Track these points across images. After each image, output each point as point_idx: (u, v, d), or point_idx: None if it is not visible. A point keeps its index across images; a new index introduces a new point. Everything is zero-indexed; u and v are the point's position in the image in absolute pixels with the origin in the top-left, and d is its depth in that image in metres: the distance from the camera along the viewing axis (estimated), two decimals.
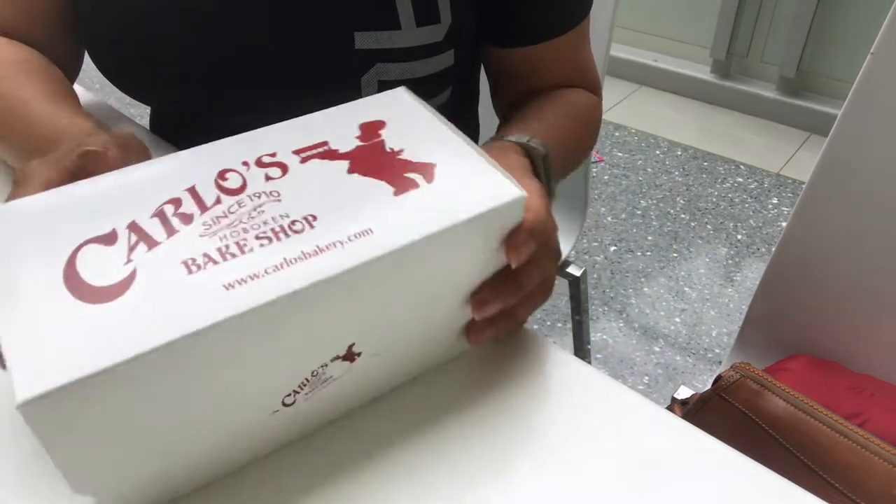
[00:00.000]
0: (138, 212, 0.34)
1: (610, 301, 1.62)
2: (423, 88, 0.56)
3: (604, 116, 2.46)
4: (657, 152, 2.14)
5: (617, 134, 2.23)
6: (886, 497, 0.54)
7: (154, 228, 0.33)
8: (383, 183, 0.37)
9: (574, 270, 1.03)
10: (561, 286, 1.65)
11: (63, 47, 0.61)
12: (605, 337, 1.53)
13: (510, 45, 0.61)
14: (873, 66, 0.64)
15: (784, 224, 0.81)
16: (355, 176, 0.37)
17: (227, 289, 0.31)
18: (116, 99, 2.32)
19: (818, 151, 0.70)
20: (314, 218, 0.34)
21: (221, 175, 0.36)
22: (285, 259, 0.32)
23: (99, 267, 0.31)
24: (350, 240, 0.33)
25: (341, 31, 0.53)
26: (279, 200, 0.35)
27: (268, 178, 0.36)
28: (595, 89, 0.67)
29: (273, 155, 0.38)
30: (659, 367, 1.46)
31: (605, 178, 2.03)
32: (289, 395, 0.35)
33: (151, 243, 0.33)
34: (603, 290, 1.65)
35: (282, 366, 0.34)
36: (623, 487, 0.37)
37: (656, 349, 1.50)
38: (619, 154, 2.13)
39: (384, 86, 0.54)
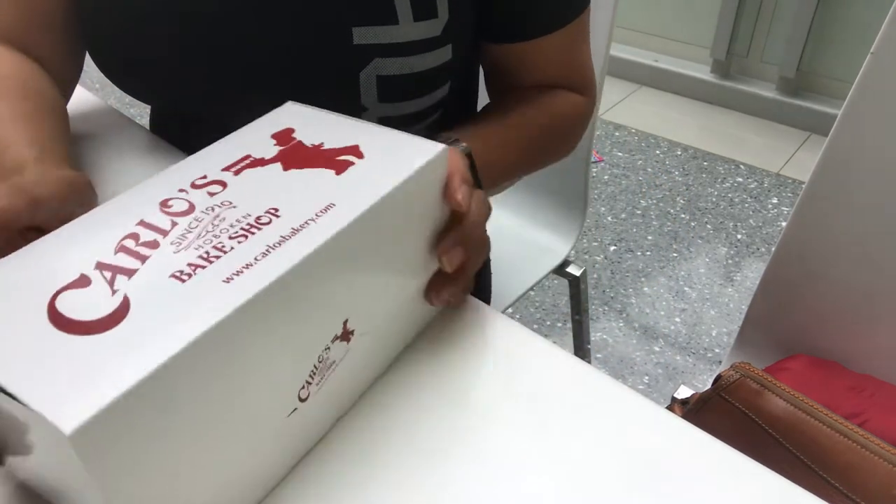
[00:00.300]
0: (99, 254, 0.33)
1: (610, 301, 1.62)
2: (422, 83, 0.56)
3: (604, 116, 2.47)
4: (657, 152, 2.14)
5: (617, 134, 2.23)
6: (886, 497, 0.54)
7: (124, 260, 0.33)
8: (322, 169, 0.39)
9: (574, 270, 1.03)
10: (561, 286, 1.65)
11: (62, 52, 0.61)
12: (605, 337, 1.53)
13: (499, 41, 0.61)
14: (873, 66, 0.64)
15: (784, 224, 0.81)
16: (293, 171, 0.39)
17: (227, 282, 0.31)
18: (116, 99, 2.32)
19: (818, 151, 0.70)
20: (276, 210, 0.35)
21: (164, 204, 0.36)
22: (268, 246, 0.33)
23: (85, 306, 0.30)
24: (318, 216, 0.35)
25: (339, 27, 0.53)
26: (234, 206, 0.36)
27: (211, 194, 0.37)
28: (584, 89, 0.67)
29: (204, 177, 0.38)
30: (659, 366, 1.46)
31: (605, 178, 2.03)
32: (303, 387, 0.36)
33: (129, 272, 0.32)
34: (603, 290, 1.65)
35: (294, 352, 0.34)
36: (623, 487, 0.37)
37: (656, 349, 1.50)
38: (619, 154, 2.13)
39: (382, 81, 0.55)
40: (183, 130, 0.67)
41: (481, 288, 0.85)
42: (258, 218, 0.35)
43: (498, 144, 0.59)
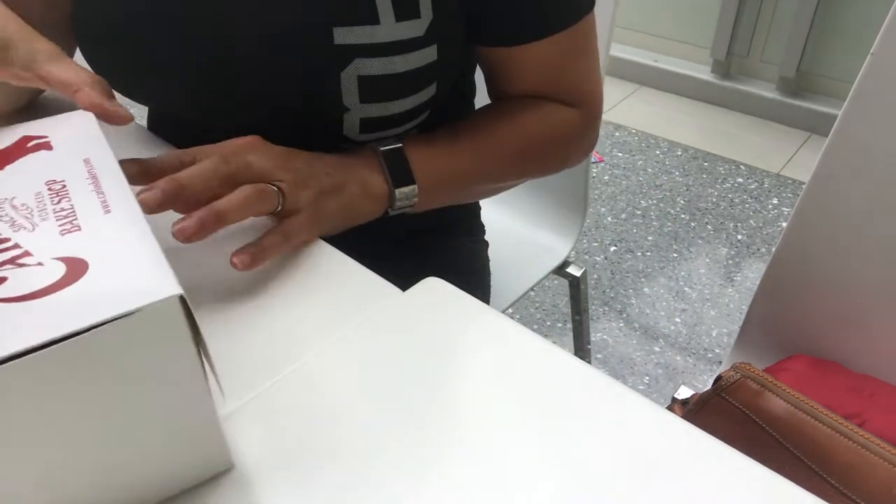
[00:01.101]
0: None
1: (610, 301, 1.62)
2: (405, 84, 0.56)
3: (604, 116, 2.46)
4: (657, 152, 2.14)
5: (617, 134, 2.23)
6: (886, 497, 0.54)
7: None
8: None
9: (574, 270, 1.03)
10: (561, 286, 1.65)
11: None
12: (605, 337, 1.53)
13: (487, 44, 0.61)
14: (873, 66, 0.64)
15: (784, 224, 0.81)
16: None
17: None
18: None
19: (818, 151, 0.70)
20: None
21: None
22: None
23: None
24: None
25: (320, 27, 0.53)
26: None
27: None
28: (581, 101, 0.65)
29: None
30: (659, 367, 1.46)
31: (606, 178, 2.03)
32: None
33: None
34: (603, 290, 1.65)
35: None
36: (623, 487, 0.37)
37: (656, 349, 1.50)
38: (619, 154, 2.13)
39: (364, 81, 0.54)
40: (179, 130, 0.68)
41: (481, 288, 0.85)
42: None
43: (446, 149, 0.60)
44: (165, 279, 0.31)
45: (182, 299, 0.30)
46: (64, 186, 0.39)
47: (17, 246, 0.34)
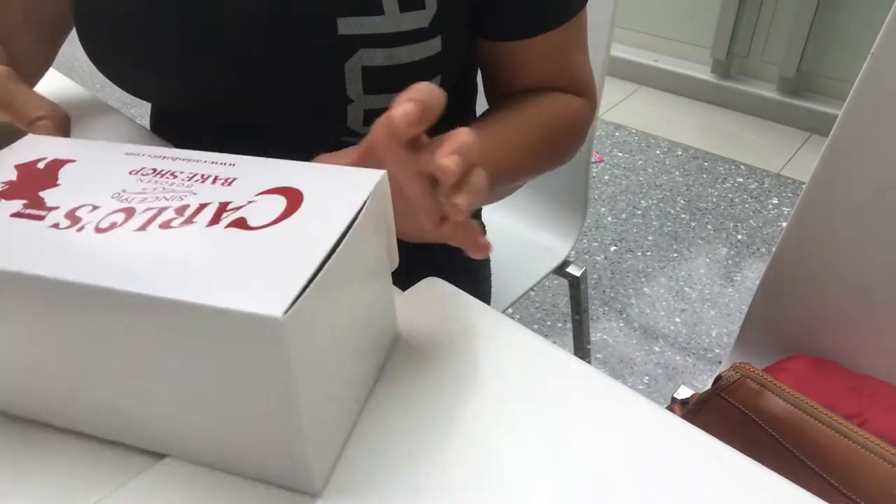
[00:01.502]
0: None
1: (610, 301, 1.62)
2: (409, 75, 0.56)
3: (604, 116, 2.46)
4: (657, 152, 2.14)
5: (617, 134, 2.23)
6: (886, 497, 0.54)
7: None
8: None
9: (574, 270, 1.03)
10: (561, 286, 1.65)
11: (29, 44, 0.62)
12: (605, 337, 1.53)
13: (492, 38, 0.61)
14: (873, 66, 0.64)
15: (784, 224, 0.81)
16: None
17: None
18: (116, 99, 2.32)
19: (818, 151, 0.70)
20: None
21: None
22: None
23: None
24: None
25: (324, 17, 0.53)
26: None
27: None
28: (583, 93, 0.66)
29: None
30: (659, 367, 1.46)
31: (606, 178, 2.03)
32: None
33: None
34: (603, 290, 1.65)
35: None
36: (623, 487, 0.37)
37: (656, 349, 1.50)
38: (619, 154, 2.13)
39: (368, 72, 0.54)
40: (181, 128, 0.68)
41: (481, 288, 0.85)
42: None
43: (504, 147, 0.58)
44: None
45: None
46: (155, 170, 0.39)
47: (206, 203, 0.36)
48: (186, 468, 0.37)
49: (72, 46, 0.66)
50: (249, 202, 0.36)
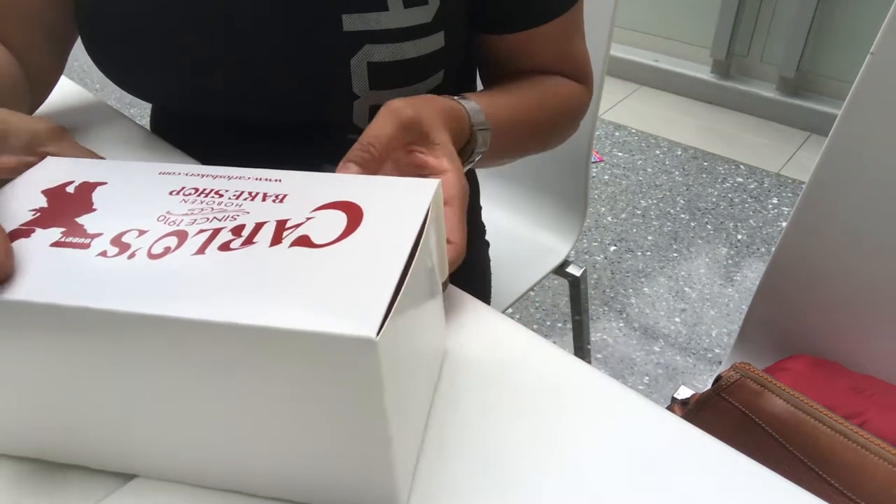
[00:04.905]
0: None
1: (610, 301, 1.62)
2: (414, 70, 0.56)
3: (604, 116, 2.46)
4: (657, 152, 2.14)
5: (617, 134, 2.23)
6: (886, 497, 0.54)
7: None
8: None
9: (574, 270, 1.03)
10: (561, 286, 1.65)
11: (42, 52, 0.62)
12: (605, 337, 1.53)
13: (495, 32, 0.61)
14: (873, 66, 0.64)
15: (784, 224, 0.81)
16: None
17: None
18: (116, 99, 2.32)
19: (818, 151, 0.70)
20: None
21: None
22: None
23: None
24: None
25: (329, 14, 0.53)
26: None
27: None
28: (582, 78, 0.67)
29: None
30: (659, 367, 1.46)
31: (605, 178, 2.03)
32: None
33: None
34: (603, 290, 1.65)
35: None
36: (623, 487, 0.37)
37: (656, 349, 1.50)
38: (619, 154, 2.13)
39: (374, 68, 0.55)
40: (182, 129, 0.67)
41: (481, 288, 0.85)
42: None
43: (508, 118, 0.58)
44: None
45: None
46: (197, 189, 0.37)
47: (263, 222, 0.35)
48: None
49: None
50: (308, 219, 0.34)
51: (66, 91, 0.74)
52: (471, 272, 0.83)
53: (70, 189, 0.38)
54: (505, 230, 1.06)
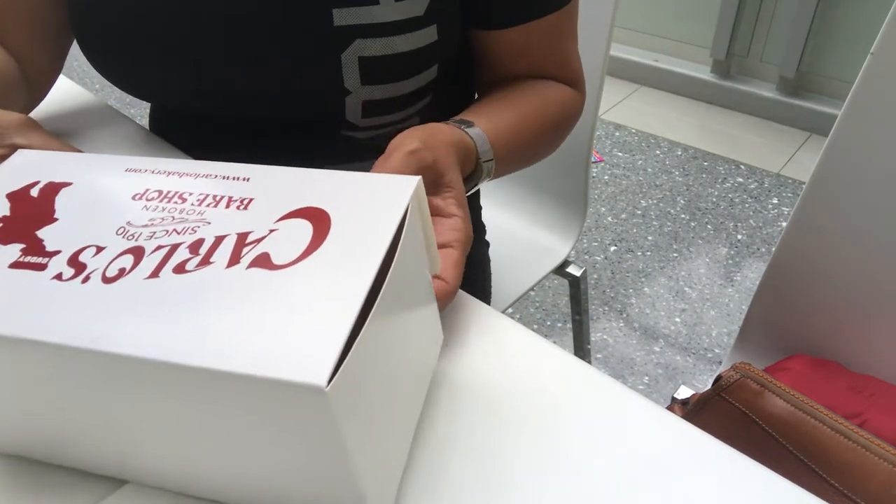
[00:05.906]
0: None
1: (610, 301, 1.62)
2: (406, 64, 0.56)
3: (604, 116, 2.46)
4: (657, 152, 2.14)
5: (617, 134, 2.23)
6: (886, 497, 0.54)
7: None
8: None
9: (574, 270, 1.03)
10: (561, 286, 1.65)
11: (40, 51, 0.62)
12: (605, 337, 1.53)
13: (488, 28, 0.61)
14: (873, 66, 0.64)
15: (784, 224, 0.81)
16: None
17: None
18: (116, 99, 2.32)
19: (818, 151, 0.70)
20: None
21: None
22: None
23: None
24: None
25: (319, 9, 0.53)
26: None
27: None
28: (574, 83, 0.67)
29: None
30: (659, 367, 1.46)
31: (605, 178, 2.03)
32: None
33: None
34: (603, 290, 1.65)
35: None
36: (623, 487, 0.37)
37: (656, 349, 1.50)
38: (619, 154, 2.13)
39: (365, 62, 0.54)
40: (181, 128, 0.67)
41: (481, 288, 0.85)
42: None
43: (511, 141, 0.58)
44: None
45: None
46: (160, 192, 0.36)
47: (223, 236, 0.33)
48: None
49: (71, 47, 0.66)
50: (271, 231, 0.33)
51: (65, 91, 0.74)
52: (471, 272, 0.83)
53: (34, 192, 0.38)
54: (505, 230, 1.06)
